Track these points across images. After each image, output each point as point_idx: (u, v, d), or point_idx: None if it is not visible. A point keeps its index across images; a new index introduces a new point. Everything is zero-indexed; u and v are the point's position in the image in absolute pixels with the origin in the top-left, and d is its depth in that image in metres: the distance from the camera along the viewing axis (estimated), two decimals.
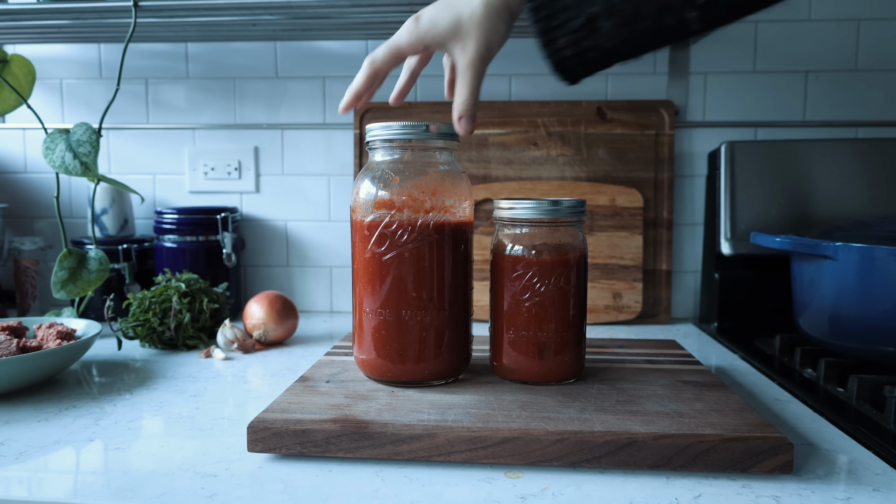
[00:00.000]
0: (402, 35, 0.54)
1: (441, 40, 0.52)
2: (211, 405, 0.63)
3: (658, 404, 0.54)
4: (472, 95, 0.52)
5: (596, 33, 0.45)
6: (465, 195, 0.60)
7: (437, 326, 0.59)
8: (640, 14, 0.43)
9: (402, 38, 0.54)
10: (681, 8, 0.42)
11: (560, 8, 0.45)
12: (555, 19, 0.45)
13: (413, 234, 0.57)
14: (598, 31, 0.44)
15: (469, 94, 0.52)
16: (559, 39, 0.46)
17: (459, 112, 0.53)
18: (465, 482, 0.47)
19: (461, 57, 0.51)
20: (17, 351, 0.65)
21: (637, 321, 1.02)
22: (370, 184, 0.59)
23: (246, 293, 1.12)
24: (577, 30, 0.45)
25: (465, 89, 0.52)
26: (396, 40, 0.55)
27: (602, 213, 1.01)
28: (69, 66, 1.12)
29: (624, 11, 0.43)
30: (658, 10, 0.42)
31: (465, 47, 0.51)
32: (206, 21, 0.92)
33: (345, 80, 1.08)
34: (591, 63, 0.47)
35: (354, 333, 0.62)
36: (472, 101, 0.52)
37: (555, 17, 0.45)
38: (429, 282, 0.58)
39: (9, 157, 1.16)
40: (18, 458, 0.51)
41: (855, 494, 0.45)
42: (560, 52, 0.46)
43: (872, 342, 0.67)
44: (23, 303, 1.05)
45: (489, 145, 1.04)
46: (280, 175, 1.11)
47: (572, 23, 0.45)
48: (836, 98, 1.03)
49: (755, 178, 0.95)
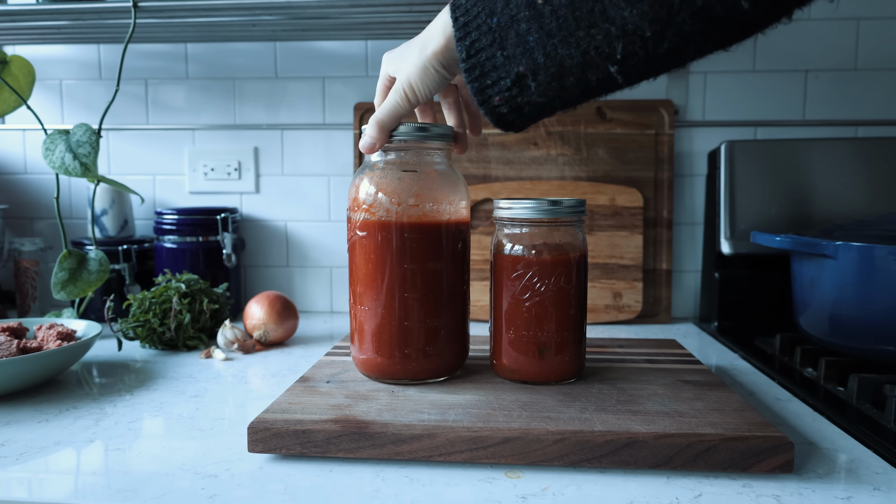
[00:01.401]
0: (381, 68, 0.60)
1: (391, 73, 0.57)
2: (211, 406, 0.63)
3: (658, 404, 0.54)
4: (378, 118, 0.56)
5: (527, 91, 0.46)
6: (461, 195, 0.61)
7: (435, 324, 0.59)
8: (564, 70, 0.44)
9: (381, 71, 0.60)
10: (602, 63, 0.43)
11: (490, 68, 0.46)
12: (487, 78, 0.47)
13: (412, 233, 0.58)
14: (528, 89, 0.46)
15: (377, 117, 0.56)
16: (494, 98, 0.48)
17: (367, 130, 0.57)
18: (465, 482, 0.47)
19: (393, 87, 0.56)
20: (17, 352, 0.65)
21: (637, 321, 1.02)
22: (367, 183, 0.59)
23: (246, 293, 1.12)
24: (508, 88, 0.47)
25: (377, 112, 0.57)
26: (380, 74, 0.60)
27: (602, 212, 1.01)
28: (69, 66, 1.12)
29: (549, 69, 0.44)
30: (581, 66, 0.44)
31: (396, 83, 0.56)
32: (206, 21, 0.92)
33: (345, 81, 1.08)
34: (528, 116, 0.49)
35: (352, 332, 0.62)
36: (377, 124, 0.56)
37: (487, 77, 0.47)
38: (427, 280, 0.58)
39: (9, 157, 1.16)
40: (19, 458, 0.51)
41: (855, 493, 0.45)
42: (497, 108, 0.48)
43: (872, 341, 0.67)
44: (23, 304, 1.05)
45: (489, 145, 1.04)
46: (280, 175, 1.11)
47: (503, 82, 0.46)
48: (836, 97, 1.03)
49: (755, 178, 0.95)
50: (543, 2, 0.43)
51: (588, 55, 0.43)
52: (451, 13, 0.48)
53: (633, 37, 0.41)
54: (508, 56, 0.45)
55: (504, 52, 0.45)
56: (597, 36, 0.42)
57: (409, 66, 0.53)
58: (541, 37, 0.43)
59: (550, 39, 0.43)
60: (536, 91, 0.46)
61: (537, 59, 0.44)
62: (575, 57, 0.43)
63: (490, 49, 0.46)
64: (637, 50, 0.42)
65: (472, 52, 0.47)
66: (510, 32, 0.44)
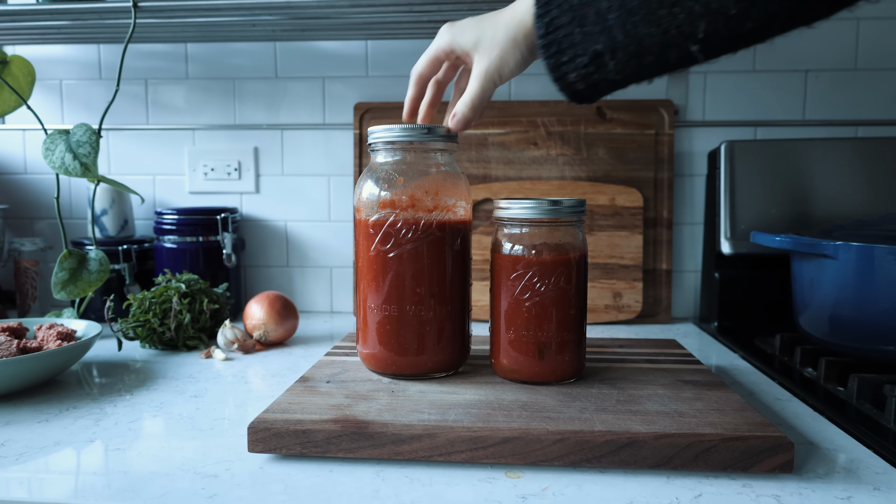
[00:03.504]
0: (437, 39, 0.60)
1: (465, 49, 0.57)
2: (211, 406, 0.63)
3: (658, 404, 0.54)
4: (472, 101, 0.56)
5: (603, 68, 0.46)
6: (464, 195, 0.62)
7: (439, 321, 0.61)
8: (643, 49, 0.44)
9: (436, 42, 0.59)
10: (683, 42, 0.43)
11: (568, 45, 0.47)
12: (563, 55, 0.47)
13: (416, 232, 0.59)
14: (605, 67, 0.46)
15: (471, 100, 0.56)
16: (570, 74, 0.48)
17: (457, 109, 0.57)
18: (465, 482, 0.47)
19: (475, 68, 0.56)
20: (17, 352, 0.65)
21: (637, 321, 1.02)
22: (374, 184, 0.60)
23: (246, 293, 1.12)
24: (585, 65, 0.47)
25: (469, 94, 0.56)
26: (432, 45, 0.60)
27: (602, 212, 1.01)
28: (69, 66, 1.12)
29: (627, 48, 0.44)
30: (661, 45, 0.43)
31: (480, 60, 0.55)
32: (206, 21, 0.92)
33: (345, 80, 1.08)
34: (603, 91, 0.49)
35: (358, 329, 0.63)
36: (473, 105, 0.56)
37: (564, 53, 0.47)
38: (431, 278, 0.60)
39: (9, 157, 1.16)
40: (19, 458, 0.51)
41: (855, 493, 0.45)
42: (572, 84, 0.49)
43: (872, 341, 0.67)
44: (23, 304, 1.05)
45: (489, 145, 1.04)
46: (280, 175, 1.11)
47: (580, 59, 0.46)
48: (836, 97, 1.03)
49: (755, 178, 0.95)
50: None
51: (669, 34, 0.42)
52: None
53: (716, 15, 0.41)
54: (587, 33, 0.45)
55: (582, 29, 0.45)
56: (679, 15, 0.41)
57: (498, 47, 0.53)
58: (621, 15, 0.43)
59: (631, 18, 0.43)
60: (614, 69, 0.46)
61: (616, 37, 0.44)
62: (655, 36, 0.43)
63: (569, 26, 0.46)
64: (720, 28, 0.41)
65: (551, 29, 0.47)
66: (590, 10, 0.44)
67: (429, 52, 0.60)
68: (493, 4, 0.84)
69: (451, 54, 0.59)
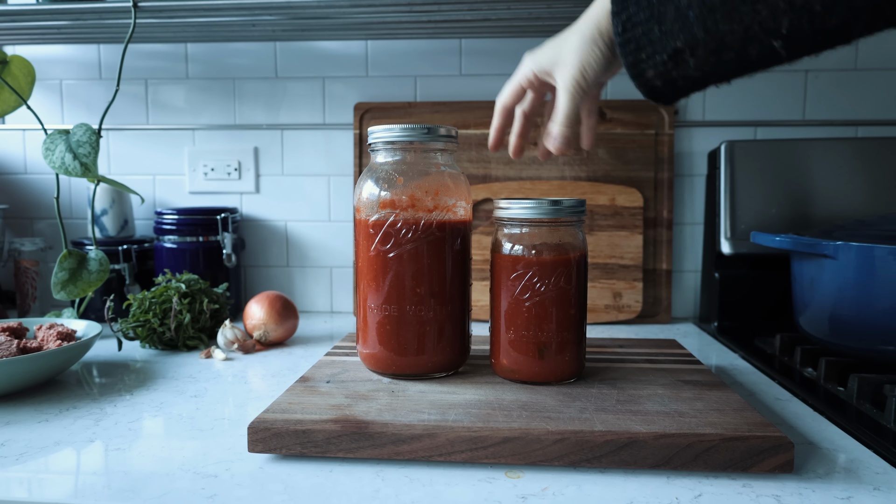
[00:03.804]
0: (520, 69, 0.60)
1: (546, 68, 0.56)
2: (211, 406, 0.63)
3: (658, 404, 0.54)
4: (566, 118, 0.55)
5: (683, 65, 0.46)
6: (464, 195, 0.62)
7: (439, 321, 0.61)
8: (724, 46, 0.44)
9: (519, 72, 0.60)
10: (765, 38, 0.42)
11: (646, 42, 0.46)
12: (642, 52, 0.47)
13: (417, 232, 0.59)
14: (685, 64, 0.46)
15: (564, 116, 0.55)
16: (648, 71, 0.48)
17: (552, 130, 0.57)
18: (465, 482, 0.47)
19: (559, 80, 0.55)
20: (17, 352, 0.65)
21: (637, 321, 1.02)
22: (374, 184, 0.60)
23: (246, 293, 1.12)
24: (664, 62, 0.46)
25: (559, 112, 0.56)
26: (515, 74, 0.60)
27: (602, 212, 1.01)
28: (69, 66, 1.12)
29: (708, 44, 0.44)
30: (742, 41, 0.43)
31: (561, 72, 0.55)
32: (206, 21, 0.92)
33: (345, 80, 1.08)
34: (682, 89, 0.49)
35: (358, 329, 0.63)
36: (567, 122, 0.56)
37: (642, 50, 0.47)
38: (431, 278, 0.60)
39: (9, 157, 1.16)
40: (19, 458, 0.51)
41: (855, 493, 0.45)
42: (650, 81, 0.48)
43: (872, 341, 0.67)
44: (23, 304, 1.05)
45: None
46: (280, 175, 1.11)
47: (659, 56, 0.46)
48: (836, 97, 1.03)
49: (755, 178, 0.95)
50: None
51: (751, 30, 0.42)
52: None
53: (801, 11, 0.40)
54: (666, 31, 0.45)
55: (661, 26, 0.45)
56: (762, 11, 0.41)
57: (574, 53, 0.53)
58: (702, 12, 0.43)
59: (712, 14, 0.43)
60: (694, 66, 0.46)
61: (696, 34, 0.44)
62: (737, 32, 0.43)
63: (647, 24, 0.46)
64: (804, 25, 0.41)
65: (629, 26, 0.47)
66: (669, 7, 0.44)
67: (512, 81, 0.60)
68: (494, 4, 0.85)
69: (534, 81, 0.59)
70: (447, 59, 1.07)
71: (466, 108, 1.05)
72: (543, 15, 0.88)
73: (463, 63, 1.07)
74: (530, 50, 0.58)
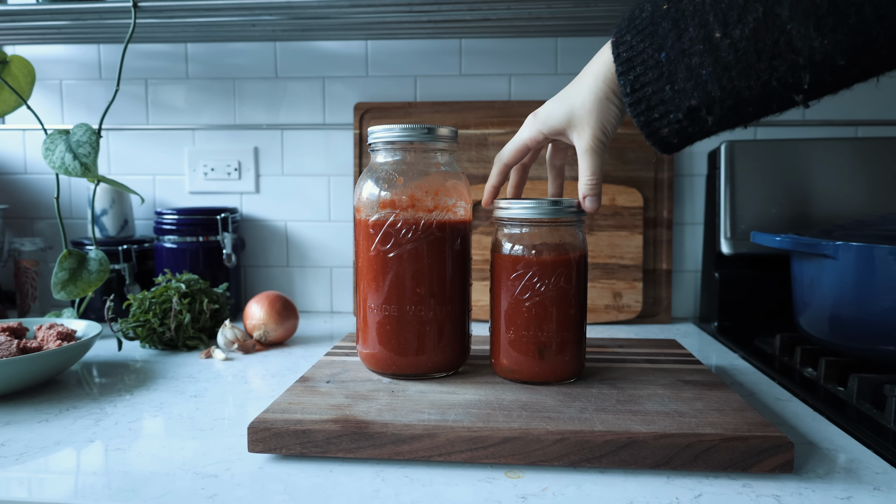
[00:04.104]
0: (524, 130, 0.59)
1: (559, 130, 0.56)
2: (211, 406, 0.63)
3: (658, 404, 0.54)
4: (593, 175, 0.55)
5: (700, 122, 0.45)
6: (464, 195, 0.62)
7: (439, 321, 0.61)
8: (742, 102, 0.42)
9: (524, 133, 0.59)
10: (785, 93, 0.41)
11: (658, 101, 0.45)
12: (654, 112, 0.46)
13: (417, 232, 0.59)
14: (702, 122, 0.45)
15: (591, 175, 0.55)
16: (662, 130, 0.47)
17: (584, 192, 0.56)
18: (465, 482, 0.47)
19: (579, 142, 0.54)
20: (17, 352, 0.65)
21: (637, 321, 1.02)
22: (374, 184, 0.60)
23: (246, 293, 1.12)
24: (679, 121, 0.45)
25: (586, 171, 0.55)
26: (520, 136, 0.59)
27: (602, 212, 1.01)
28: (69, 66, 1.12)
29: (724, 102, 0.43)
30: (761, 97, 0.42)
31: (580, 134, 0.54)
32: (206, 21, 0.92)
33: (344, 80, 1.08)
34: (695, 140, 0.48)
35: (358, 329, 0.63)
36: (595, 180, 0.55)
37: (654, 110, 0.46)
38: (431, 278, 0.60)
39: (9, 158, 1.16)
40: (19, 458, 0.51)
41: (855, 493, 0.45)
42: (665, 139, 0.48)
43: (872, 341, 0.67)
44: (23, 304, 1.05)
45: (489, 145, 1.04)
46: (280, 175, 1.11)
47: (673, 115, 0.45)
48: (836, 97, 1.02)
49: (755, 178, 0.95)
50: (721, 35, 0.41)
51: (769, 86, 0.41)
52: (612, 49, 0.47)
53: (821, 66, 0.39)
54: (678, 90, 0.44)
55: (673, 86, 0.44)
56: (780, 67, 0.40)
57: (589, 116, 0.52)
58: (715, 70, 0.42)
59: (727, 73, 0.41)
60: (713, 122, 0.45)
61: (711, 92, 0.43)
62: (755, 88, 0.41)
63: (657, 83, 0.45)
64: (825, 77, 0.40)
65: (637, 87, 0.46)
66: (680, 66, 0.43)
67: (516, 142, 0.60)
68: (494, 4, 0.85)
69: (542, 141, 0.58)
70: (447, 59, 1.07)
71: (466, 108, 1.05)
72: (543, 15, 0.88)
73: (463, 63, 1.07)
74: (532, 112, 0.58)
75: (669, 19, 0.44)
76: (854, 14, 0.37)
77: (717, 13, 0.41)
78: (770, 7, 0.39)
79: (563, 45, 1.05)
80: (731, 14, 0.40)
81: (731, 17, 0.40)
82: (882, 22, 0.36)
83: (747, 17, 0.40)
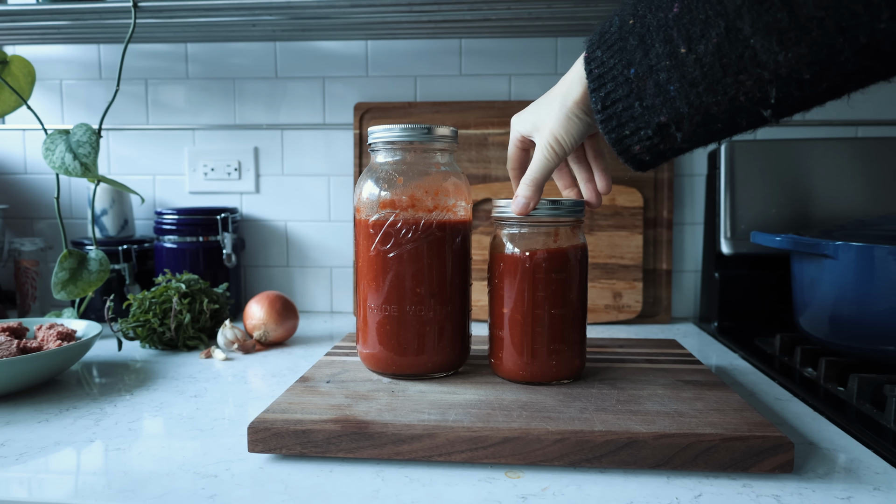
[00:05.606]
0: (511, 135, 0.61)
1: (526, 133, 0.58)
2: (211, 406, 0.63)
3: (658, 404, 0.54)
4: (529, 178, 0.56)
5: (670, 139, 0.45)
6: (464, 195, 0.62)
7: (439, 321, 0.61)
8: (711, 118, 0.42)
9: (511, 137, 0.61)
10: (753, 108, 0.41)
11: (628, 118, 0.45)
12: (625, 129, 0.46)
13: (417, 232, 0.59)
14: (671, 138, 0.45)
15: (528, 177, 0.56)
16: (633, 147, 0.47)
17: (518, 191, 0.57)
18: (465, 482, 0.47)
19: (537, 144, 0.56)
20: (17, 352, 0.65)
21: (637, 321, 1.02)
22: (374, 184, 0.60)
23: (246, 293, 1.12)
24: (649, 137, 0.46)
25: (527, 173, 0.56)
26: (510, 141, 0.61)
27: (602, 212, 1.01)
28: (69, 66, 1.12)
29: (693, 118, 0.43)
30: (729, 112, 0.42)
31: (539, 138, 0.55)
32: (206, 21, 0.92)
33: (345, 81, 1.08)
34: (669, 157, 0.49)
35: (358, 329, 0.63)
36: (528, 182, 0.56)
37: (625, 127, 0.46)
38: (431, 278, 0.60)
39: (9, 158, 1.16)
40: (19, 458, 0.51)
41: (855, 493, 0.45)
42: (637, 156, 0.48)
43: (872, 341, 0.67)
44: (23, 304, 1.05)
45: (489, 145, 1.04)
46: (280, 175, 1.11)
47: (643, 132, 0.45)
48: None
49: (755, 178, 0.95)
50: (687, 50, 0.41)
51: (737, 101, 0.41)
52: (584, 65, 0.47)
53: (787, 80, 0.39)
54: (648, 107, 0.44)
55: (643, 102, 0.44)
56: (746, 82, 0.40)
57: (552, 120, 0.53)
58: (682, 86, 0.42)
59: (694, 88, 0.41)
60: (682, 139, 0.45)
61: (680, 108, 0.43)
62: (722, 104, 0.41)
63: (627, 100, 0.45)
64: (793, 92, 0.40)
65: (608, 103, 0.46)
66: (648, 82, 0.43)
67: (510, 147, 0.61)
68: (494, 4, 0.85)
69: (524, 141, 0.59)
70: (447, 59, 1.07)
71: (466, 108, 1.05)
72: (543, 15, 0.88)
73: (463, 63, 1.07)
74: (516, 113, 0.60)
75: (636, 35, 0.43)
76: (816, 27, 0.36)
77: (681, 28, 0.41)
78: (732, 22, 0.39)
79: (563, 45, 1.05)
80: (693, 29, 0.40)
81: (695, 33, 0.40)
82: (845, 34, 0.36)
83: (710, 31, 0.40)
